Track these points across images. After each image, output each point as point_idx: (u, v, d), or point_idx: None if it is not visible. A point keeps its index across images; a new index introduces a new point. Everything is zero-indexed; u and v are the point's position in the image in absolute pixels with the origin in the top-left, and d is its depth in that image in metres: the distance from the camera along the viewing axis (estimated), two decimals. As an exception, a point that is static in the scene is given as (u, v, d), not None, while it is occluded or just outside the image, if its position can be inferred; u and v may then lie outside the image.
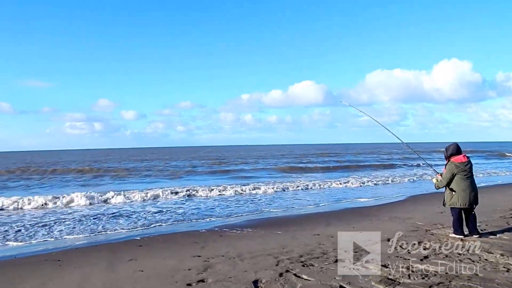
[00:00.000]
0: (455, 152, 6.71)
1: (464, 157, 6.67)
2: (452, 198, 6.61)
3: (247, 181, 20.76)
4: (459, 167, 6.55)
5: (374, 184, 19.11)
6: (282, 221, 9.77)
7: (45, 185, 22.51)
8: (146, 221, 10.45)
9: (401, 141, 8.17)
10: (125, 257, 6.50)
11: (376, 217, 9.66)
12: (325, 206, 12.40)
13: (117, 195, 14.49)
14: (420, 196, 14.28)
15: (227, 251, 6.56)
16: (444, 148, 6.92)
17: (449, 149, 6.78)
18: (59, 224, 10.22)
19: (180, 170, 31.27)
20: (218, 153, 75.03)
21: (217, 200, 14.19)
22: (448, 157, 6.76)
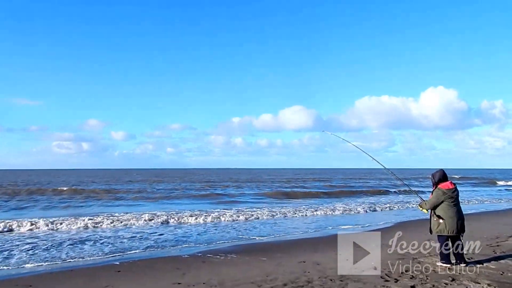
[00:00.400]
0: (442, 179, 6.68)
1: (451, 183, 6.64)
2: (440, 225, 6.52)
3: (234, 206, 20.45)
4: (446, 194, 6.49)
5: (362, 210, 18.99)
6: (268, 247, 9.54)
7: (21, 206, 21.88)
8: (126, 245, 10.10)
9: (384, 167, 8.18)
10: (102, 283, 6.23)
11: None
12: (312, 233, 12.20)
13: (90, 219, 13.95)
14: (408, 223, 14.19)
15: (209, 278, 6.33)
16: (431, 175, 6.89)
17: (435, 176, 6.75)
18: (28, 248, 9.81)
19: (165, 193, 30.66)
20: (206, 176, 74.44)
21: (201, 225, 13.88)
22: (436, 184, 6.72)
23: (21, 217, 15.22)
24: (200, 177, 70.57)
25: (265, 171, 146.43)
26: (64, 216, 14.85)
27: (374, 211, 18.66)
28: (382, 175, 67.54)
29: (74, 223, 13.26)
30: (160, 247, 9.88)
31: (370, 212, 18.44)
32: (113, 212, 17.16)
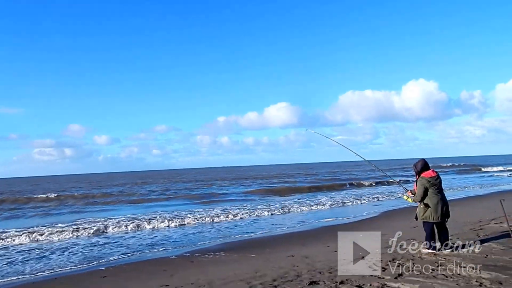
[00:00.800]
0: (424, 167, 6.76)
1: (433, 171, 6.73)
2: (425, 212, 6.61)
3: (220, 205, 20.36)
4: (430, 182, 6.58)
5: (348, 202, 19.15)
6: (256, 243, 9.51)
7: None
8: (111, 250, 9.92)
9: (364, 159, 8.36)
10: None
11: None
12: (300, 227, 12.22)
13: (72, 226, 13.73)
14: (392, 212, 14.37)
15: (197, 278, 6.25)
16: (413, 165, 6.96)
17: (417, 165, 6.82)
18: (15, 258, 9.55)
19: (149, 195, 30.22)
20: (192, 176, 73.94)
21: (187, 227, 13.75)
22: (418, 173, 6.80)
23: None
24: (186, 177, 70.07)
25: (252, 168, 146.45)
26: (42, 225, 14.50)
27: (359, 203, 18.81)
28: (366, 167, 68.41)
29: (55, 231, 12.93)
30: (147, 249, 9.74)
31: (356, 204, 18.58)
32: (87, 217, 16.77)
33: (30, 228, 13.49)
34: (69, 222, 14.93)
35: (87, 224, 14.02)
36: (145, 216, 15.68)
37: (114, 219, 15.28)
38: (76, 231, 12.65)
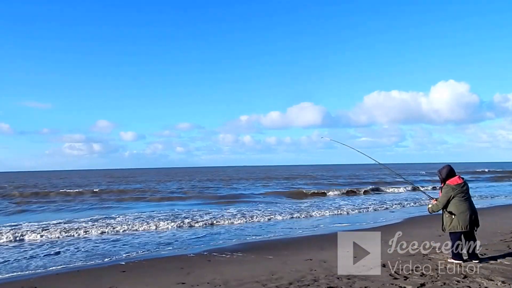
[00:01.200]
0: (450, 174, 6.45)
1: (459, 178, 6.42)
2: (452, 221, 6.26)
3: (240, 205, 20.30)
4: (455, 189, 6.27)
5: (368, 206, 18.75)
6: (274, 245, 9.40)
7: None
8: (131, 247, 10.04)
9: (377, 162, 8.15)
10: (106, 284, 6.16)
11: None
12: (319, 230, 12.02)
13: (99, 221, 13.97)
14: (418, 218, 13.93)
15: (213, 277, 6.21)
16: (437, 171, 6.64)
17: (442, 172, 6.49)
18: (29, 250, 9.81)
19: (171, 193, 30.42)
20: (215, 175, 74.35)
21: (206, 226, 13.78)
22: (443, 180, 6.49)
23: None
24: (207, 175, 70.59)
25: (274, 168, 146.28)
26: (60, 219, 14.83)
27: (381, 208, 18.36)
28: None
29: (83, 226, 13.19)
30: (164, 246, 9.81)
31: (377, 209, 18.14)
32: (109, 214, 17.03)
33: (52, 222, 13.85)
34: (90, 217, 15.27)
35: (107, 220, 14.30)
36: (165, 214, 15.82)
37: (134, 215, 15.50)
38: (97, 228, 12.86)
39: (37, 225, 13.23)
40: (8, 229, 12.18)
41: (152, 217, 14.77)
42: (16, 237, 11.28)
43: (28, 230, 12.15)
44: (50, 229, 12.28)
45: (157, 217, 14.74)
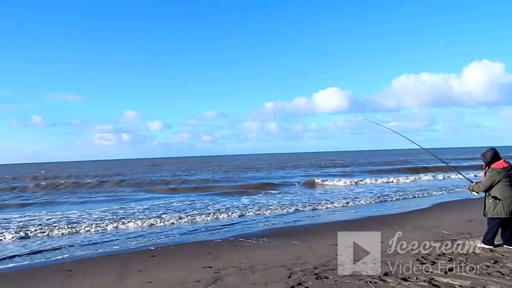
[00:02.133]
0: (495, 157, 6.18)
1: (504, 162, 6.14)
2: (496, 207, 5.98)
3: (265, 194, 20.44)
4: (501, 173, 5.99)
5: (400, 191, 18.44)
6: (300, 231, 9.45)
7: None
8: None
9: (420, 146, 7.71)
10: (136, 268, 6.37)
11: (399, 225, 9.18)
12: (346, 215, 11.97)
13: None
14: (448, 203, 13.61)
15: (239, 262, 6.33)
16: (481, 155, 6.34)
17: (487, 155, 6.20)
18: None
19: (199, 182, 30.56)
20: (241, 163, 74.64)
21: (231, 214, 13.95)
22: (488, 163, 6.23)
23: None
24: (234, 163, 71.02)
25: (300, 155, 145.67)
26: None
27: (412, 193, 18.02)
28: (420, 156, 65.37)
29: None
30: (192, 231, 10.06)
31: (408, 194, 17.82)
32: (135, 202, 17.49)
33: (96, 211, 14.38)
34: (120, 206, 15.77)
35: (133, 208, 14.73)
36: (191, 202, 16.11)
37: (163, 204, 15.88)
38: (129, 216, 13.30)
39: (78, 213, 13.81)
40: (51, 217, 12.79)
41: (185, 207, 15.12)
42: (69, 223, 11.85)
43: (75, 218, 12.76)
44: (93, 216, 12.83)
45: (190, 206, 15.07)
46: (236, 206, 14.74)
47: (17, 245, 9.28)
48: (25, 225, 11.83)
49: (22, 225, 11.79)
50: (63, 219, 12.81)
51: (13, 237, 9.95)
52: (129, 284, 5.47)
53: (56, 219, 12.71)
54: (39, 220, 12.68)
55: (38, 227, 11.29)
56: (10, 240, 9.76)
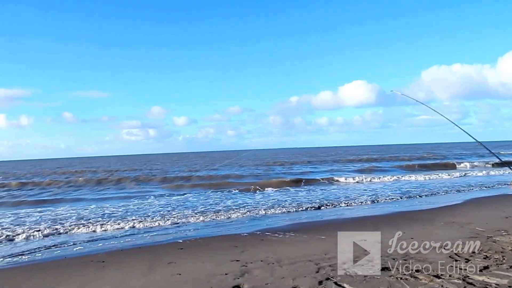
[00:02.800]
0: None
1: None
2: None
3: (294, 186, 20.37)
4: None
5: (428, 186, 17.96)
6: (327, 226, 9.37)
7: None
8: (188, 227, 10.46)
9: (475, 140, 6.74)
10: (165, 260, 6.49)
11: (431, 222, 8.95)
12: (375, 210, 11.77)
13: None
14: (482, 199, 13.13)
15: (266, 256, 6.33)
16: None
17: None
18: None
19: (224, 178, 30.73)
20: (269, 158, 74.39)
21: (258, 209, 13.97)
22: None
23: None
24: (262, 159, 70.95)
25: (325, 149, 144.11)
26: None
27: (446, 188, 17.51)
28: (454, 149, 63.31)
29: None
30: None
31: (441, 190, 17.33)
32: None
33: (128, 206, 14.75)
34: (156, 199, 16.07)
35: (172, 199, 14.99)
36: (217, 197, 16.24)
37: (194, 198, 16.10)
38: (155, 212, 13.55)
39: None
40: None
41: (210, 202, 15.29)
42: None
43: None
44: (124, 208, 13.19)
45: (215, 201, 15.23)
46: (260, 202, 14.77)
47: (52, 237, 9.65)
48: (58, 218, 12.30)
49: (55, 219, 12.25)
50: (97, 212, 13.24)
51: (49, 231, 10.32)
52: (159, 276, 5.57)
53: (89, 211, 13.17)
54: (72, 214, 13.14)
55: (70, 220, 11.73)
56: (46, 232, 10.13)
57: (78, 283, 5.43)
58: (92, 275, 5.83)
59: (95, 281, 5.51)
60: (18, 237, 9.62)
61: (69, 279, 5.65)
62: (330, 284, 4.59)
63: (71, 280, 5.60)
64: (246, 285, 4.80)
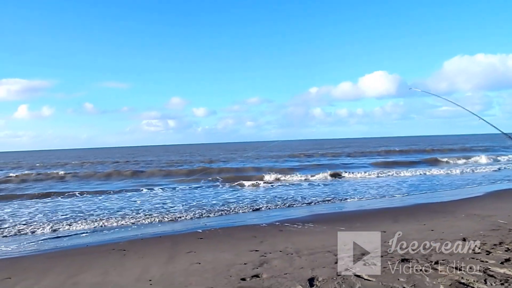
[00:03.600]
0: None
1: None
2: None
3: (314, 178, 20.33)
4: None
5: (449, 178, 17.66)
6: (346, 217, 9.35)
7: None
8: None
9: (501, 131, 6.31)
10: (185, 249, 6.61)
11: (452, 214, 8.83)
12: (395, 202, 11.67)
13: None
14: (503, 192, 12.87)
15: (285, 246, 6.38)
16: None
17: None
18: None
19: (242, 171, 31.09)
20: (286, 149, 74.21)
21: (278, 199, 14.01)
22: None
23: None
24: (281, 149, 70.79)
25: (345, 141, 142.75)
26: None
27: (468, 181, 17.20)
28: (478, 141, 61.81)
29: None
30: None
31: (463, 182, 17.03)
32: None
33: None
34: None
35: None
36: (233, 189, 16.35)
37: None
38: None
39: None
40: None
41: (230, 193, 15.43)
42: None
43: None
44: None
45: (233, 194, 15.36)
46: (279, 193, 14.84)
47: (77, 226, 9.95)
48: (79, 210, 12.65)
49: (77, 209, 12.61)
50: (120, 202, 13.56)
51: (72, 219, 10.65)
52: (179, 264, 5.69)
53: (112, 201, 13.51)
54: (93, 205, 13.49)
55: (92, 211, 12.05)
56: (72, 222, 10.46)
57: (101, 270, 5.60)
58: (114, 263, 5.99)
59: (117, 268, 5.66)
60: (45, 226, 9.94)
61: (92, 266, 5.82)
62: (349, 275, 4.61)
63: (94, 267, 5.77)
64: (265, 275, 4.86)
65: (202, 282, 4.74)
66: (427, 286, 4.10)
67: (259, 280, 4.70)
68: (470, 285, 4.04)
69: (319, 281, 4.47)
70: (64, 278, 5.33)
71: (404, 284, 4.18)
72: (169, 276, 5.13)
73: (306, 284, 4.38)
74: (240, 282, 4.67)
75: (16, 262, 6.52)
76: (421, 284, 4.16)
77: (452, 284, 4.08)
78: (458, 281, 4.16)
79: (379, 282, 4.29)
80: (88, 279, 5.21)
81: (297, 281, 4.50)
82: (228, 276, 4.93)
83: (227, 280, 4.74)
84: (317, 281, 4.47)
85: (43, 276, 5.45)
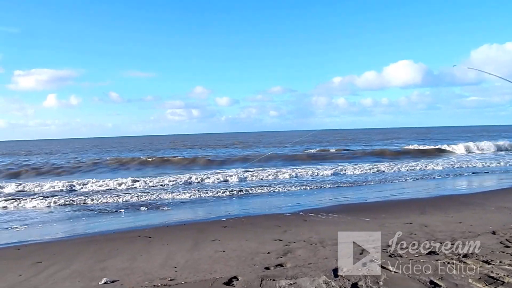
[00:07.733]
0: None
1: None
2: None
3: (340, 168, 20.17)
4: None
5: (476, 168, 17.14)
6: (372, 208, 9.23)
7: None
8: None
9: None
10: (210, 237, 6.69)
11: (481, 206, 8.59)
12: (421, 193, 11.44)
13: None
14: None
15: (309, 236, 6.38)
16: None
17: None
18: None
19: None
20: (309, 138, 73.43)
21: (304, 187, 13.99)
22: None
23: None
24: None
25: (371, 130, 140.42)
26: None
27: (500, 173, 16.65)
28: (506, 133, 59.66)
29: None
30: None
31: (490, 172, 16.50)
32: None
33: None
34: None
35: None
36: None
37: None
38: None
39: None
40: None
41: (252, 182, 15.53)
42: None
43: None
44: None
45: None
46: (300, 182, 14.79)
47: (99, 211, 10.25)
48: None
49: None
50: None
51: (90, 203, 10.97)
52: (204, 252, 5.77)
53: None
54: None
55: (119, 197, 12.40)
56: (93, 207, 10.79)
57: (129, 256, 5.74)
58: (141, 249, 6.13)
59: (143, 255, 5.79)
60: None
61: (120, 252, 5.97)
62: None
63: (120, 253, 5.92)
64: (289, 264, 4.87)
65: (227, 270, 4.79)
66: (455, 279, 4.01)
67: (283, 269, 4.71)
68: (500, 279, 3.93)
69: (344, 271, 4.44)
70: (92, 263, 5.50)
71: (431, 276, 4.10)
72: (194, 263, 5.21)
73: (330, 274, 4.37)
74: (264, 271, 4.69)
75: (46, 247, 6.75)
76: (448, 277, 4.07)
77: (481, 278, 3.98)
78: (487, 275, 4.05)
79: (405, 274, 4.23)
80: (116, 265, 5.35)
81: (321, 271, 4.49)
82: (252, 264, 4.97)
83: (251, 269, 4.78)
84: (342, 271, 4.45)
85: (72, 261, 5.63)
